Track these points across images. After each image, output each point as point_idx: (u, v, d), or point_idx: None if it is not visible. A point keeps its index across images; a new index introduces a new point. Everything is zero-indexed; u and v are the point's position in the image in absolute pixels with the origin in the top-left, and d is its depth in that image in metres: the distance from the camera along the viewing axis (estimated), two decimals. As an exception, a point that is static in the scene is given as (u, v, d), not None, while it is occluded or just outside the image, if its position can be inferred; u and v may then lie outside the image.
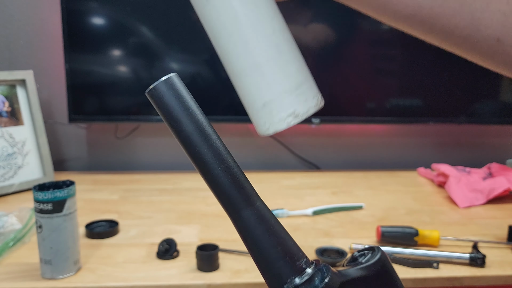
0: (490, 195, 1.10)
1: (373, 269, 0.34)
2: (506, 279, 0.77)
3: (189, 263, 0.78)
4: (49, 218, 0.69)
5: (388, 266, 0.36)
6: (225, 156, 0.32)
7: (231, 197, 0.32)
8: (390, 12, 0.32)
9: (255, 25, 0.28)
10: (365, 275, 0.34)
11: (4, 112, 1.15)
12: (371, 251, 0.36)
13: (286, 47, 0.29)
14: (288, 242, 0.32)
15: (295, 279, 0.31)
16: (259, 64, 0.29)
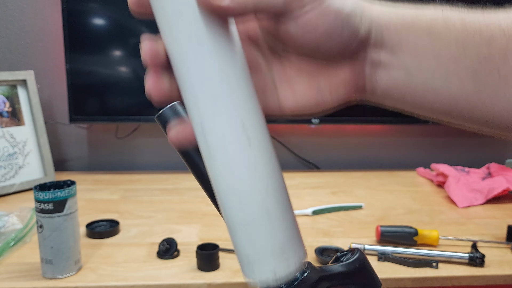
0: (489, 195, 1.11)
1: (351, 266, 0.38)
2: (505, 278, 0.77)
3: (190, 263, 0.78)
4: (50, 217, 0.69)
5: (366, 264, 0.39)
6: None
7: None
8: (427, 110, 0.33)
9: (250, 189, 0.30)
10: (344, 271, 0.37)
11: (5, 112, 1.15)
12: (352, 252, 0.40)
13: (276, 210, 0.31)
14: None
15: None
16: (247, 223, 0.30)
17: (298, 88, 0.32)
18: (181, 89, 0.29)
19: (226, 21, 0.29)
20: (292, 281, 0.34)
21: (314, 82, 0.32)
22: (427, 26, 0.31)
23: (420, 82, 0.31)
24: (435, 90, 0.31)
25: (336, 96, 0.33)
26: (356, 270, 0.38)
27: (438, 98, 0.32)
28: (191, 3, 0.27)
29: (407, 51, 0.31)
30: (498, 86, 0.30)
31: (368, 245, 0.82)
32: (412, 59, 0.31)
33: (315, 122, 1.30)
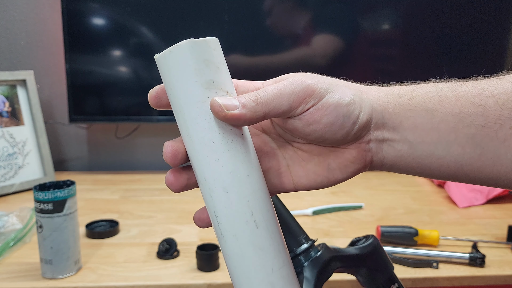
0: (489, 195, 1.11)
1: (364, 250, 0.42)
2: (506, 278, 0.77)
3: (189, 263, 0.78)
4: (50, 218, 0.69)
5: (378, 249, 0.42)
6: None
7: None
8: (434, 175, 0.35)
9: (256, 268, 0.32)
10: (356, 254, 0.41)
11: (5, 112, 1.15)
12: (366, 238, 0.44)
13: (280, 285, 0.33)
14: (291, 221, 0.41)
15: (296, 250, 0.39)
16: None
17: (310, 168, 0.35)
18: (198, 180, 0.33)
19: None
20: (308, 255, 0.38)
21: (324, 162, 0.35)
22: (423, 103, 0.33)
23: (424, 153, 0.34)
24: (439, 158, 0.34)
25: (346, 172, 0.35)
26: (368, 254, 0.42)
27: (443, 164, 0.34)
28: (207, 111, 0.30)
29: (408, 128, 0.33)
30: (498, 149, 0.32)
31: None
32: (413, 134, 0.33)
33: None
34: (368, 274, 0.43)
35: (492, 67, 1.33)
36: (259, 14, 1.23)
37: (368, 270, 0.42)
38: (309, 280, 0.37)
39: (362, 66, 1.31)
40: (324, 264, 0.39)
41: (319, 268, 0.38)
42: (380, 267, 0.43)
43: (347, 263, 0.41)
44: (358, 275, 0.44)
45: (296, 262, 0.39)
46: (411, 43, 1.30)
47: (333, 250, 0.40)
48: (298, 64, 1.27)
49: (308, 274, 0.37)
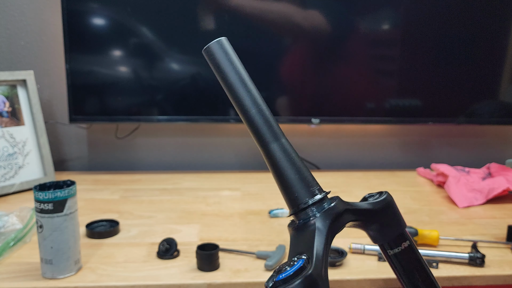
0: (489, 195, 1.11)
1: (377, 205, 0.42)
2: (505, 278, 0.77)
3: (190, 263, 0.78)
4: (50, 218, 0.69)
5: (391, 205, 0.42)
6: (259, 101, 0.41)
7: (263, 132, 0.40)
8: None
9: None
10: (368, 208, 0.41)
11: (5, 112, 1.15)
12: (380, 193, 0.43)
13: None
14: (305, 172, 0.40)
15: (309, 200, 0.39)
16: None
17: None
18: None
19: None
20: (321, 206, 0.39)
21: None
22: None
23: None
24: None
25: None
26: (381, 209, 0.42)
27: None
28: None
29: None
30: None
31: (368, 245, 0.82)
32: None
33: (315, 122, 1.30)
34: (380, 230, 0.43)
35: (492, 67, 1.33)
36: (259, 16, 1.23)
37: (380, 225, 0.42)
38: (321, 231, 0.37)
39: (362, 66, 1.31)
40: (336, 215, 0.38)
41: (331, 219, 0.38)
42: (392, 223, 0.43)
43: (360, 217, 0.41)
44: (370, 230, 0.43)
45: (309, 212, 0.38)
46: (411, 43, 1.30)
47: (346, 203, 0.40)
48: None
49: (320, 224, 0.37)
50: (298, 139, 1.43)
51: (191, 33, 1.22)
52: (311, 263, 0.34)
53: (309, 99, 1.31)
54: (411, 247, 0.43)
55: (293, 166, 0.40)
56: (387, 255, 0.44)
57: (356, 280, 0.75)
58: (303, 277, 0.33)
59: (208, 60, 0.42)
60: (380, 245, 0.44)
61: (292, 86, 1.30)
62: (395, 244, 0.43)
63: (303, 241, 0.37)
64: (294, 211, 0.39)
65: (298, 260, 0.34)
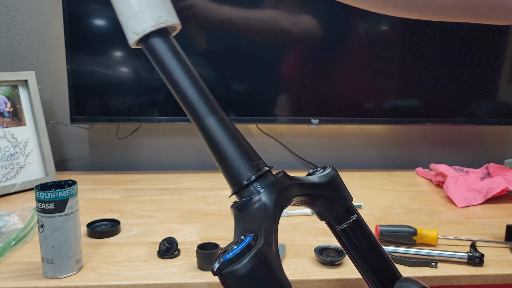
0: (488, 194, 1.11)
1: (322, 179, 0.40)
2: (504, 278, 0.78)
3: (190, 262, 0.79)
4: (51, 217, 0.70)
5: (336, 178, 0.41)
6: (192, 72, 0.39)
7: (197, 105, 0.38)
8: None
9: None
10: (315, 182, 0.40)
11: (6, 112, 1.16)
12: (324, 168, 0.42)
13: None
14: (246, 146, 0.37)
15: (252, 176, 0.36)
16: None
17: None
18: None
19: None
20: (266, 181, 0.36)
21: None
22: None
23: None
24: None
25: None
26: (326, 183, 0.40)
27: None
28: None
29: None
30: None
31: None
32: None
33: (314, 122, 1.30)
34: (326, 205, 0.41)
35: (491, 67, 1.33)
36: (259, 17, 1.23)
37: (326, 200, 0.41)
38: (268, 206, 0.35)
39: (361, 67, 1.32)
40: (282, 189, 0.36)
41: (277, 193, 0.35)
42: (338, 197, 0.41)
43: (306, 191, 0.39)
44: (316, 206, 0.42)
45: (253, 188, 0.36)
46: (410, 43, 1.30)
47: (291, 177, 0.38)
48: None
49: (266, 199, 0.35)
50: (298, 139, 1.43)
51: (191, 34, 1.22)
52: (260, 239, 0.32)
53: (309, 99, 1.32)
54: (358, 220, 0.42)
55: (233, 141, 0.37)
56: (335, 231, 0.43)
57: (355, 280, 0.75)
58: (252, 255, 0.30)
59: None
60: (327, 222, 0.43)
61: (291, 87, 1.31)
62: (342, 219, 0.42)
63: (249, 218, 0.35)
64: (236, 189, 0.37)
65: (245, 237, 0.32)
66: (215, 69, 1.26)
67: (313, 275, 0.75)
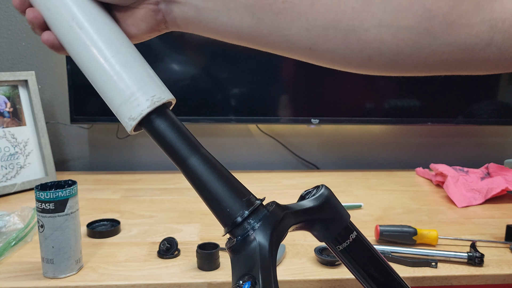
0: (488, 194, 1.11)
1: (316, 202, 0.39)
2: (504, 278, 0.78)
3: (190, 262, 0.79)
4: (51, 217, 0.70)
5: (330, 199, 0.40)
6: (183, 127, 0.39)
7: (178, 147, 0.37)
8: (223, 38, 0.40)
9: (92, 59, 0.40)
10: (310, 206, 0.38)
11: (6, 112, 1.16)
12: (316, 188, 0.40)
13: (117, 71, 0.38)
14: (234, 182, 0.36)
15: (244, 212, 0.35)
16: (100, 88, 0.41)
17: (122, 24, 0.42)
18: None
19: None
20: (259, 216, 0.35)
21: (122, 19, 0.42)
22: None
23: (209, 18, 0.39)
24: (222, 24, 0.39)
25: (140, 29, 0.42)
26: (321, 206, 0.39)
27: (227, 30, 0.39)
28: None
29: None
30: (273, 21, 0.37)
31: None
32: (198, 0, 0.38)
33: (314, 122, 1.30)
34: (324, 227, 0.40)
35: (491, 67, 1.33)
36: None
37: (323, 222, 0.39)
38: (263, 245, 0.33)
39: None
40: (276, 223, 0.35)
41: (272, 229, 0.34)
42: (335, 217, 0.40)
43: (301, 218, 0.38)
44: (314, 230, 0.40)
45: (246, 225, 0.34)
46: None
47: (284, 207, 0.37)
48: (298, 64, 1.27)
49: (261, 237, 0.34)
50: (298, 139, 1.43)
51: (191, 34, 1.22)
52: (259, 284, 0.32)
53: (309, 99, 1.32)
54: (358, 237, 0.41)
55: (219, 179, 0.36)
56: (335, 251, 0.41)
57: (355, 279, 0.75)
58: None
59: None
60: (327, 242, 0.41)
61: (292, 87, 1.31)
62: (342, 239, 0.40)
63: (246, 261, 0.34)
64: (229, 228, 0.35)
65: (243, 284, 0.32)
66: (215, 69, 1.26)
67: (313, 275, 0.76)
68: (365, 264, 0.42)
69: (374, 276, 0.42)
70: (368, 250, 0.42)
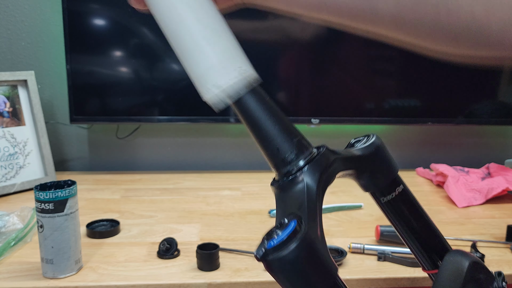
0: (488, 195, 1.11)
1: (366, 150, 0.38)
2: (504, 278, 0.77)
3: (190, 262, 0.78)
4: (51, 217, 0.70)
5: (381, 148, 0.38)
6: None
7: None
8: (300, 6, 0.38)
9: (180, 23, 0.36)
10: (359, 155, 0.38)
11: (6, 112, 1.15)
12: (367, 137, 0.39)
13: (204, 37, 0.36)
14: (285, 122, 0.36)
15: (293, 152, 0.35)
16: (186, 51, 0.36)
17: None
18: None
19: None
20: (308, 158, 0.34)
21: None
22: None
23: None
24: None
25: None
26: (371, 155, 0.38)
27: None
28: None
29: None
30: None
31: (367, 245, 0.83)
32: None
33: (314, 122, 1.30)
34: (371, 177, 0.39)
35: (491, 67, 1.33)
36: (259, 16, 1.23)
37: (371, 172, 0.38)
38: (311, 186, 0.33)
39: (361, 66, 1.32)
40: (325, 167, 0.34)
41: (320, 172, 0.33)
42: (384, 168, 0.39)
43: (350, 165, 0.37)
44: (361, 179, 0.40)
45: (294, 166, 0.34)
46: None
47: (334, 152, 0.36)
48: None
49: (309, 179, 0.33)
50: (298, 139, 1.43)
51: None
52: (305, 223, 0.30)
53: (309, 99, 1.31)
54: (405, 191, 0.40)
55: (271, 116, 0.35)
56: (379, 202, 0.41)
57: (356, 280, 0.75)
58: (299, 241, 0.29)
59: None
60: (372, 193, 0.41)
61: (291, 86, 1.31)
62: (387, 191, 0.40)
63: (292, 200, 0.33)
64: (277, 167, 0.35)
65: (289, 222, 0.31)
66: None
67: (313, 276, 0.75)
68: (408, 219, 0.41)
69: (416, 231, 0.41)
70: (413, 206, 0.41)
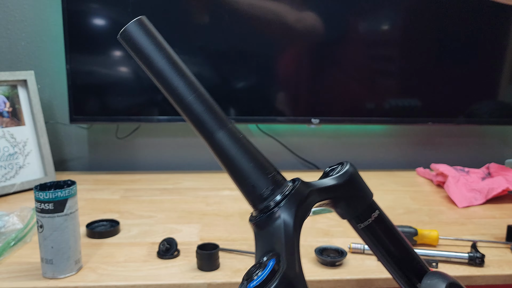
0: (488, 195, 1.11)
1: (340, 179, 0.38)
2: (505, 278, 0.77)
3: (190, 263, 0.78)
4: (50, 217, 0.70)
5: (356, 176, 0.39)
6: (196, 85, 0.36)
7: (205, 121, 0.35)
8: None
9: None
10: (334, 184, 0.38)
11: (6, 112, 1.15)
12: (341, 165, 0.40)
13: None
14: (260, 158, 0.36)
15: (269, 189, 0.35)
16: None
17: None
18: None
19: None
20: (284, 193, 0.35)
21: None
22: None
23: None
24: None
25: None
26: (345, 183, 0.38)
27: None
28: None
29: None
30: None
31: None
32: None
33: (314, 122, 1.30)
34: (347, 205, 0.39)
35: (491, 67, 1.33)
36: (258, 15, 1.23)
37: (346, 200, 0.39)
38: (288, 222, 0.34)
39: (362, 66, 1.31)
40: (301, 200, 0.35)
41: (296, 206, 0.34)
42: (358, 196, 0.39)
43: (326, 195, 0.38)
44: (337, 208, 0.40)
45: (271, 202, 0.35)
46: (410, 43, 1.30)
47: (309, 184, 0.37)
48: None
49: (286, 215, 0.34)
50: (298, 139, 1.43)
51: (191, 33, 1.22)
52: (282, 261, 0.31)
53: (309, 99, 1.31)
54: (380, 216, 0.41)
55: (245, 154, 0.36)
56: (357, 229, 0.41)
57: (356, 280, 0.75)
58: (277, 280, 0.30)
59: (127, 46, 0.37)
60: (349, 220, 0.41)
61: (292, 87, 1.31)
62: (364, 217, 0.40)
63: (270, 237, 0.34)
64: (254, 203, 0.36)
65: (268, 261, 0.32)
66: (215, 69, 1.26)
67: (313, 276, 0.75)
68: (385, 243, 0.41)
69: (394, 255, 0.41)
70: (389, 230, 0.41)
